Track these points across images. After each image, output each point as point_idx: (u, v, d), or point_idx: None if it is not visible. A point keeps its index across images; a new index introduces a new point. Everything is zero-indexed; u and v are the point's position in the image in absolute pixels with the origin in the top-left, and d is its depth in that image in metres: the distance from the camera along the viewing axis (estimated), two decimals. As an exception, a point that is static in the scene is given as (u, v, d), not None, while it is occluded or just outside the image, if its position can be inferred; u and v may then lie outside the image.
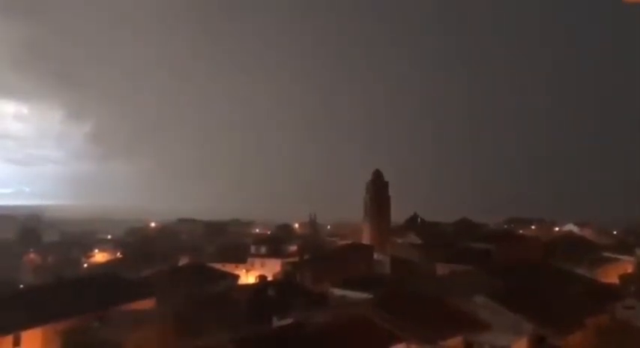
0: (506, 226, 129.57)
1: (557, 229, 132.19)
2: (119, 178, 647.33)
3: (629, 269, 65.46)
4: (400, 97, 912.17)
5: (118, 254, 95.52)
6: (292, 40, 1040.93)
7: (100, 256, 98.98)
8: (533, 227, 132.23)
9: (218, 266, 68.20)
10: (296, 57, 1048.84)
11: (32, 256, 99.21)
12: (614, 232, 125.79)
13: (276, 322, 37.81)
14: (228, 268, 70.23)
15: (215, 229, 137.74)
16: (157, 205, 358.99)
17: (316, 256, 71.94)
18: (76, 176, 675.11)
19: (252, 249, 77.83)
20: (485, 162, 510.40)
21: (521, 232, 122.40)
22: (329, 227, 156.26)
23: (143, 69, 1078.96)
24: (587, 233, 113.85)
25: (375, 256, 73.56)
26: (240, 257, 76.01)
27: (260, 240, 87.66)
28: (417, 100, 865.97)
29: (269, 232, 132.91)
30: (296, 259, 72.01)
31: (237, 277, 65.17)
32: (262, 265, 73.29)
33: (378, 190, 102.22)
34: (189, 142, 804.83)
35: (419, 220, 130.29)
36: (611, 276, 60.56)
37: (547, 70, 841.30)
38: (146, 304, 43.15)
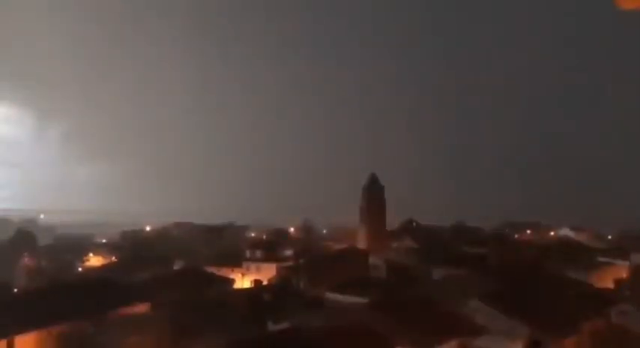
0: (501, 231, 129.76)
1: (552, 233, 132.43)
2: (106, 180, 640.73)
3: (624, 274, 65.69)
4: (395, 101, 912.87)
5: (113, 258, 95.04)
6: (289, 40, 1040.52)
7: (94, 260, 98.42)
8: (528, 232, 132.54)
9: (213, 270, 68.10)
10: (293, 57, 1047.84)
11: (26, 259, 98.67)
12: (609, 237, 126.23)
13: (272, 327, 37.80)
14: (224, 272, 70.12)
15: (210, 232, 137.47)
16: (147, 207, 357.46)
17: (312, 261, 71.83)
18: (63, 179, 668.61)
19: (248, 253, 77.68)
20: (481, 166, 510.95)
21: (516, 236, 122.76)
22: (324, 231, 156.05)
23: (121, 65, 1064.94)
24: (583, 238, 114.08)
25: (371, 260, 73.54)
26: (236, 261, 75.92)
27: (255, 244, 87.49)
28: (413, 103, 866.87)
29: (264, 236, 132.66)
30: (291, 263, 71.93)
31: (232, 281, 65.07)
32: (258, 269, 73.14)
33: (374, 194, 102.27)
34: (179, 142, 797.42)
35: (414, 224, 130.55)
36: (606, 280, 60.85)
37: (544, 74, 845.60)
38: (141, 308, 42.96)
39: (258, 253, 76.39)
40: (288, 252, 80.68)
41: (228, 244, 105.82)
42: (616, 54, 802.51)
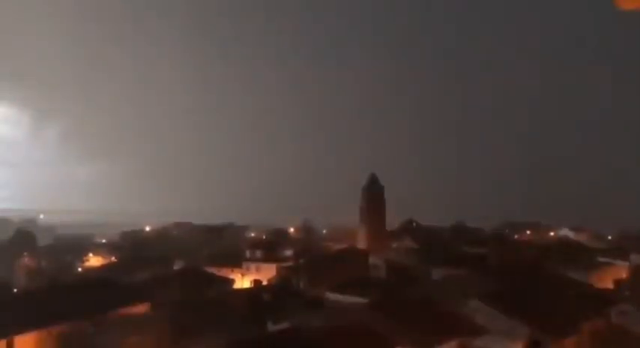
0: (501, 231, 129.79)
1: (552, 233, 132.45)
2: (106, 180, 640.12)
3: (624, 274, 65.73)
4: (395, 101, 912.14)
5: (113, 258, 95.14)
6: (289, 40, 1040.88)
7: (94, 260, 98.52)
8: (528, 232, 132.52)
9: (213, 270, 68.15)
10: (293, 57, 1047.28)
11: (26, 259, 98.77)
12: (609, 237, 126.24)
13: (272, 327, 37.78)
14: (224, 272, 70.18)
15: (210, 232, 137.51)
16: (147, 207, 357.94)
17: (312, 261, 71.84)
18: (62, 179, 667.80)
19: (248, 253, 77.69)
20: (481, 166, 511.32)
21: (516, 236, 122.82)
22: (324, 231, 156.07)
23: (121, 65, 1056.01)
24: (583, 238, 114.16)
25: (371, 260, 73.54)
26: (236, 261, 75.95)
27: (255, 244, 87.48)
28: (410, 103, 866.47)
29: (264, 236, 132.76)
30: (291, 263, 71.94)
31: (232, 281, 65.09)
32: (257, 270, 73.16)
33: (374, 194, 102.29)
34: (179, 142, 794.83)
35: (414, 224, 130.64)
36: (605, 281, 60.86)
37: (540, 74, 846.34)
38: (141, 308, 42.96)
39: (258, 253, 76.40)
40: (288, 252, 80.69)
41: (228, 244, 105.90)
42: (616, 54, 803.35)
